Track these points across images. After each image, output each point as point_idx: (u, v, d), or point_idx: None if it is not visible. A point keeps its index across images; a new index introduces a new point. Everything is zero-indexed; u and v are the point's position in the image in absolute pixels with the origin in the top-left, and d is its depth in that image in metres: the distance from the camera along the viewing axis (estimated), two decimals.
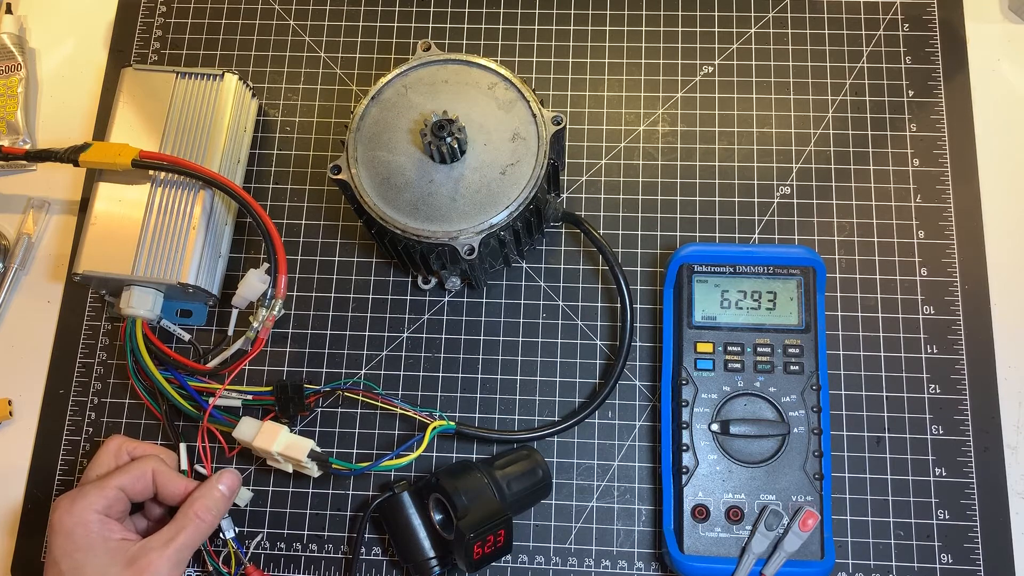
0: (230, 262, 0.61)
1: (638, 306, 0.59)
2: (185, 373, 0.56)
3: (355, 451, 0.57)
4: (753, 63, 0.64)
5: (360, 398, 0.56)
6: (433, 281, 0.59)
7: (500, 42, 0.65)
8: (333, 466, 0.52)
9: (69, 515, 0.47)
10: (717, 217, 0.60)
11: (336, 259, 0.61)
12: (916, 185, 0.61)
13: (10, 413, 0.59)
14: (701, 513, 0.51)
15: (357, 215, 0.53)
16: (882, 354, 0.57)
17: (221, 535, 0.54)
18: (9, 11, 0.68)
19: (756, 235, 0.60)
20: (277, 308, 0.54)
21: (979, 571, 0.53)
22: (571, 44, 0.65)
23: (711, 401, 0.53)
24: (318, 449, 0.52)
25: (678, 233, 0.60)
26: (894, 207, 0.60)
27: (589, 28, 0.65)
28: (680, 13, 0.65)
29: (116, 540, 0.47)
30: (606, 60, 0.64)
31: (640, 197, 0.61)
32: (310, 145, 0.64)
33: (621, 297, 0.55)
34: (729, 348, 0.54)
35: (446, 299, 0.60)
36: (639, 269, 0.60)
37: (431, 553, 0.52)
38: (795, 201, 0.61)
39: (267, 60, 0.66)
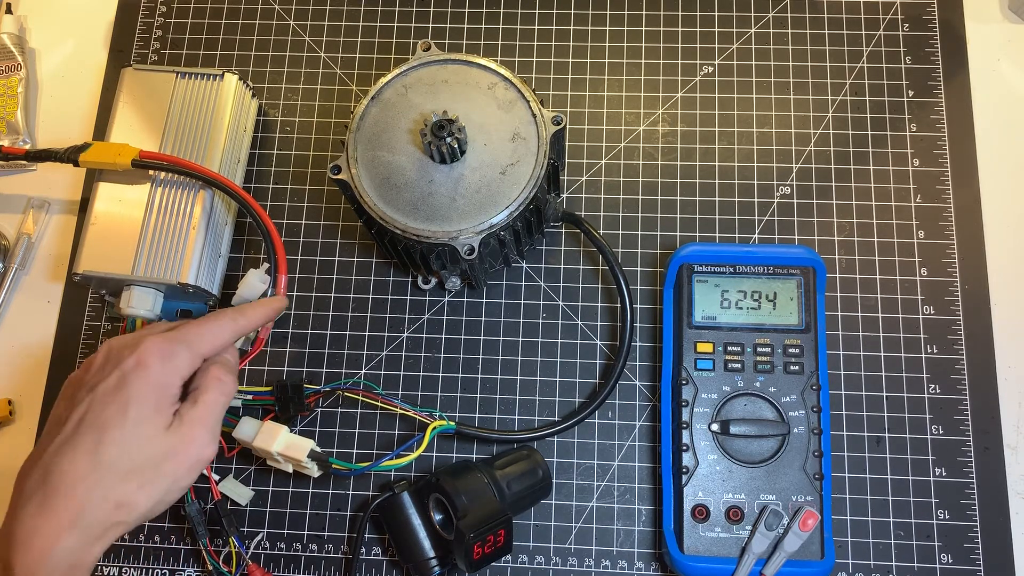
0: (230, 262, 0.61)
1: (638, 306, 0.59)
2: None
3: (355, 451, 0.57)
4: (753, 63, 0.64)
5: (360, 398, 0.56)
6: (433, 281, 0.59)
7: (500, 42, 0.65)
8: (333, 466, 0.52)
9: (161, 372, 0.44)
10: (717, 217, 0.60)
11: (336, 259, 0.61)
12: (916, 185, 0.61)
13: (10, 413, 0.59)
14: (701, 513, 0.51)
15: (357, 215, 0.53)
16: (882, 354, 0.57)
17: (223, 536, 0.54)
18: (9, 11, 0.68)
19: (756, 235, 0.60)
20: None
21: (979, 571, 0.53)
22: (571, 44, 0.65)
23: (711, 401, 0.53)
24: (318, 449, 0.52)
25: (678, 233, 0.60)
26: (894, 207, 0.60)
27: (589, 28, 0.65)
28: (680, 13, 0.65)
29: (174, 410, 0.45)
30: (606, 60, 0.64)
31: (640, 197, 0.61)
32: (310, 145, 0.64)
33: (621, 297, 0.55)
34: (729, 348, 0.54)
35: (446, 299, 0.60)
36: (639, 269, 0.60)
37: (431, 553, 0.52)
38: (795, 201, 0.61)
39: (267, 60, 0.66)
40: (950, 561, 0.53)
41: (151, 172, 0.57)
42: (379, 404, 0.56)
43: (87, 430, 0.42)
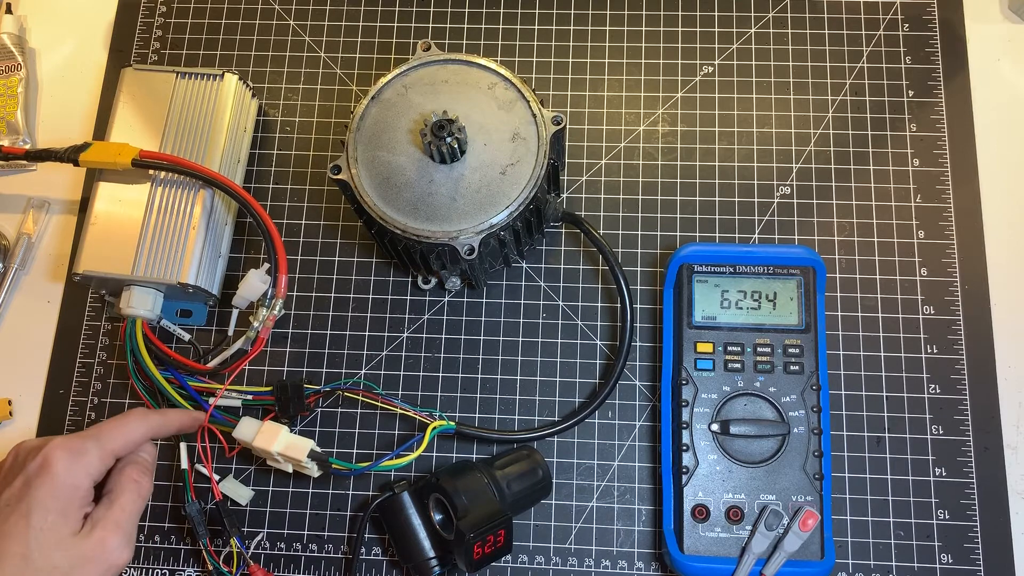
0: (230, 262, 0.61)
1: (638, 306, 0.59)
2: (185, 373, 0.56)
3: (355, 451, 0.57)
4: (753, 63, 0.64)
5: (360, 398, 0.56)
6: (433, 281, 0.59)
7: (500, 42, 0.65)
8: (333, 466, 0.52)
9: (68, 473, 0.43)
10: (717, 217, 0.60)
11: (336, 259, 0.61)
12: (916, 185, 0.61)
13: (10, 413, 0.59)
14: (701, 513, 0.51)
15: (357, 215, 0.53)
16: (882, 354, 0.57)
17: (223, 536, 0.54)
18: (9, 11, 0.68)
19: (756, 235, 0.60)
20: (277, 308, 0.54)
21: (979, 571, 0.53)
22: (571, 44, 0.65)
23: (711, 401, 0.53)
24: (318, 449, 0.51)
25: (678, 233, 0.60)
26: (894, 207, 0.60)
27: (589, 28, 0.65)
28: (680, 13, 0.65)
29: (85, 512, 0.44)
30: (606, 60, 0.64)
31: (640, 197, 0.61)
32: (310, 145, 0.64)
33: (621, 297, 0.55)
34: (729, 348, 0.54)
35: (446, 299, 0.60)
36: (639, 269, 0.60)
37: (431, 553, 0.52)
38: (795, 201, 0.61)
39: (267, 60, 0.66)
40: (950, 561, 0.53)
41: (151, 172, 0.57)
42: (379, 404, 0.56)
43: None
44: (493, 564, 0.54)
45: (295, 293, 0.60)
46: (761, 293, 0.55)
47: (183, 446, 0.55)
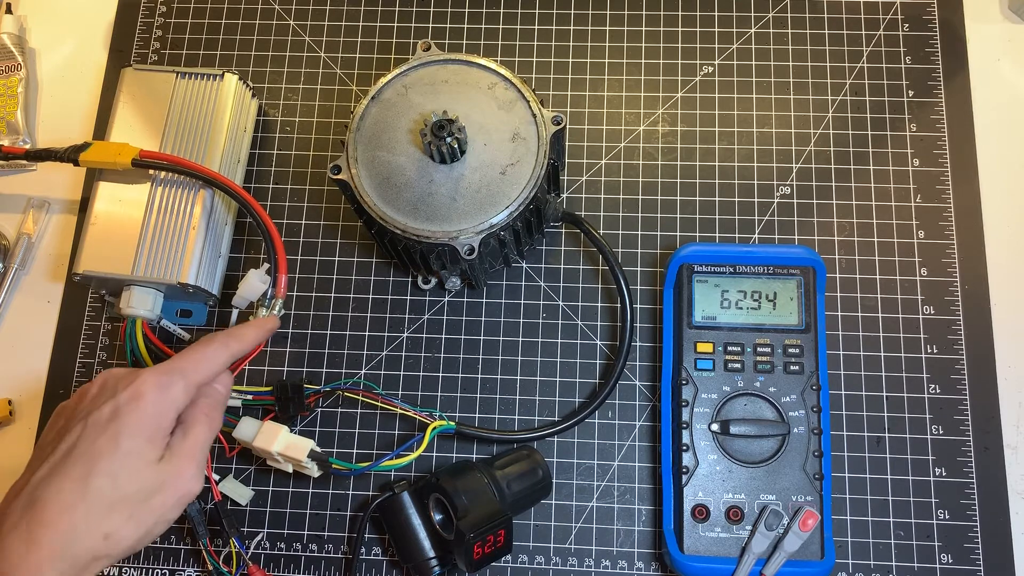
0: (230, 262, 0.61)
1: (638, 306, 0.59)
2: None
3: (355, 451, 0.57)
4: (753, 63, 0.64)
5: (360, 398, 0.56)
6: (433, 281, 0.59)
7: (500, 42, 0.65)
8: (333, 466, 0.52)
9: (157, 405, 0.43)
10: (717, 217, 0.60)
11: (336, 259, 0.61)
12: (916, 185, 0.61)
13: (10, 413, 0.59)
14: (701, 513, 0.51)
15: (357, 215, 0.53)
16: (882, 354, 0.57)
17: (223, 536, 0.54)
18: (9, 11, 0.68)
19: (756, 235, 0.60)
20: (277, 308, 0.54)
21: (979, 571, 0.53)
22: (571, 44, 0.65)
23: (711, 401, 0.53)
24: (318, 449, 0.51)
25: (678, 233, 0.60)
26: (894, 207, 0.60)
27: (589, 28, 0.65)
28: (680, 13, 0.65)
29: (166, 442, 0.44)
30: (606, 60, 0.64)
31: (640, 197, 0.61)
32: (310, 145, 0.64)
33: (621, 297, 0.55)
34: (729, 348, 0.54)
35: (446, 299, 0.60)
36: (639, 269, 0.60)
37: (431, 553, 0.52)
38: (795, 201, 0.61)
39: (267, 60, 0.66)
40: (950, 561, 0.53)
41: (151, 172, 0.57)
42: (379, 404, 0.56)
43: (77, 459, 0.41)
44: (493, 564, 0.54)
45: (295, 293, 0.60)
46: (761, 293, 0.55)
47: None
